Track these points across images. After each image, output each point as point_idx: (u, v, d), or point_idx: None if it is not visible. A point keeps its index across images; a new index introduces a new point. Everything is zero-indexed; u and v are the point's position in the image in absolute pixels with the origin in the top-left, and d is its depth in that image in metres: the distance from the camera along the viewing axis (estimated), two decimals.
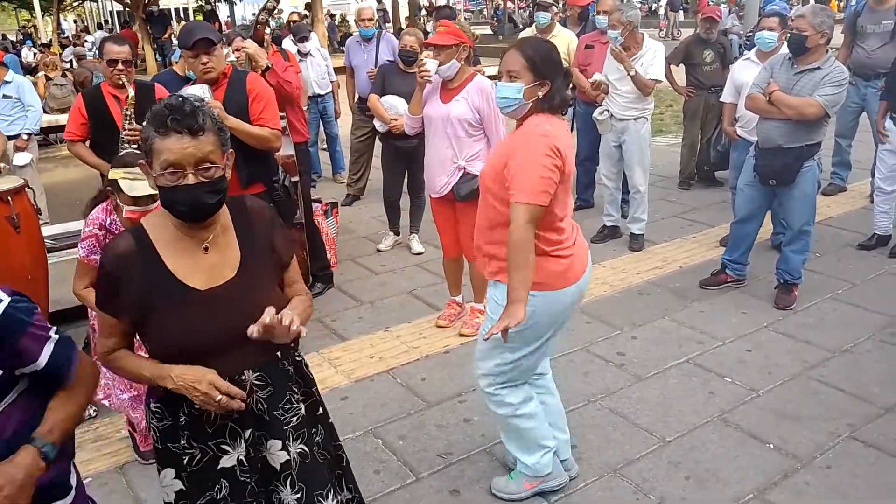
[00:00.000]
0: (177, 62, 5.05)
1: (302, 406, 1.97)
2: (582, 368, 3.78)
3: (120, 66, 3.83)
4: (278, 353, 1.92)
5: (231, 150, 1.81)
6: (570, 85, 2.50)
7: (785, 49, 4.45)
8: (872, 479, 2.87)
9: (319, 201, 5.39)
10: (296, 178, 4.53)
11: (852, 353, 3.83)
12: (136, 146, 3.75)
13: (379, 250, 5.65)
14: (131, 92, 3.79)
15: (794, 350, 3.88)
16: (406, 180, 5.53)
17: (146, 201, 2.75)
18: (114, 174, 2.78)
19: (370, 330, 4.34)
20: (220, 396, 1.73)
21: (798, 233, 4.30)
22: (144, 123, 1.74)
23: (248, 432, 1.86)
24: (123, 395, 3.01)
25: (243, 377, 1.84)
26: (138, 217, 2.74)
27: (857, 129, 6.34)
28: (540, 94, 2.46)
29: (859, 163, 6.68)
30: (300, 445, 1.94)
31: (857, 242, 5.29)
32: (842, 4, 23.22)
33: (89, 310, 3.00)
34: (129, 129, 3.76)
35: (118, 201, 2.80)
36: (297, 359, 2.02)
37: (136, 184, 2.72)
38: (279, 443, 1.90)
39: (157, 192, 2.68)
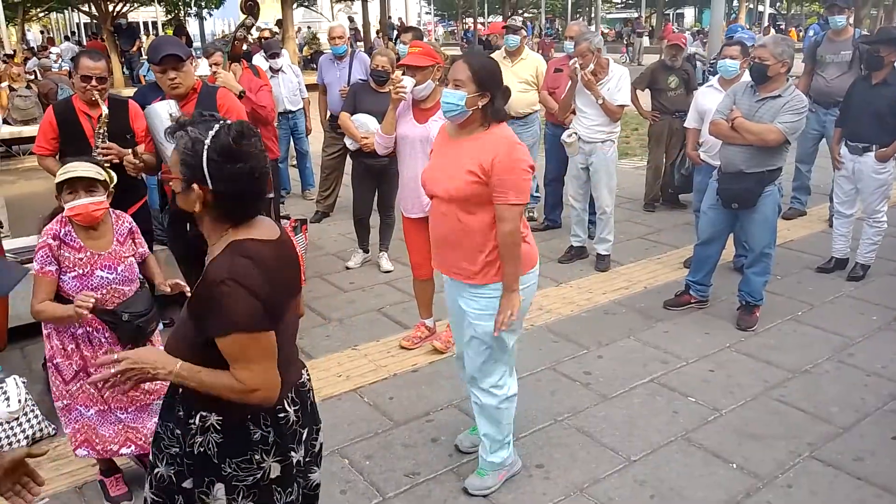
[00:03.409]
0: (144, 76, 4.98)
1: None
2: (549, 387, 3.80)
3: (94, 82, 3.69)
4: None
5: (196, 186, 1.82)
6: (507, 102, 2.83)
7: (747, 77, 4.58)
8: (831, 498, 2.93)
9: (288, 217, 5.37)
10: (271, 195, 4.50)
11: (811, 373, 3.92)
12: (108, 164, 3.67)
13: (348, 268, 5.64)
14: (105, 110, 3.66)
15: (756, 370, 3.96)
16: (376, 198, 5.54)
17: (81, 193, 2.69)
18: (57, 178, 2.75)
19: (338, 348, 4.31)
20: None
21: (759, 255, 4.40)
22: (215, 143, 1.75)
23: (305, 431, 2.01)
24: (89, 411, 2.87)
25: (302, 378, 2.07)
26: (77, 214, 2.70)
27: (817, 155, 6.53)
28: (480, 104, 2.67)
29: (818, 187, 6.87)
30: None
31: (816, 265, 5.42)
32: (801, 34, 23.94)
33: (44, 327, 2.87)
34: (103, 148, 3.64)
35: (63, 205, 2.73)
36: None
37: (66, 173, 2.69)
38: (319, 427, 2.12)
39: (93, 175, 2.71)
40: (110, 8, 20.06)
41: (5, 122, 8.93)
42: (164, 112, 3.47)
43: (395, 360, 4.13)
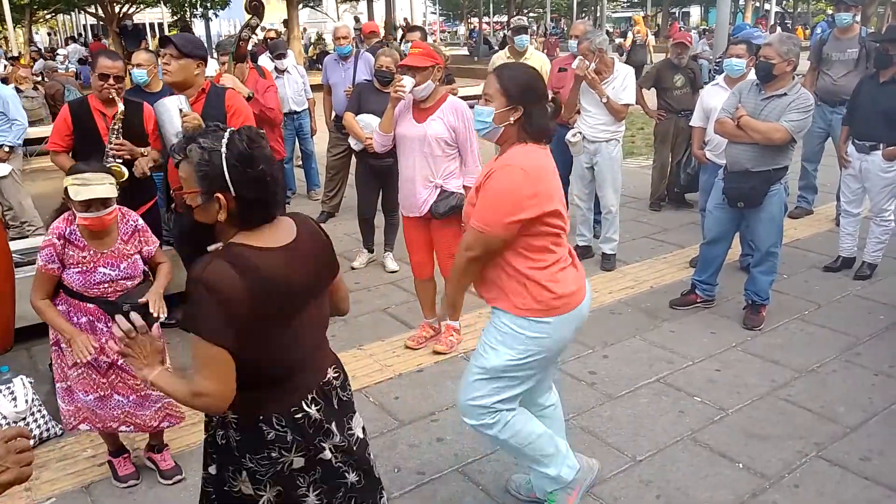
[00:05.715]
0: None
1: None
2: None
3: (111, 80, 3.77)
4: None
5: (220, 195, 1.76)
6: (555, 114, 2.52)
7: (753, 75, 4.56)
8: (838, 498, 2.91)
9: None
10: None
11: (818, 373, 3.90)
12: (120, 160, 3.72)
13: (353, 268, 5.64)
14: (121, 107, 3.74)
15: (762, 370, 3.94)
16: (380, 198, 5.55)
17: (97, 207, 2.74)
18: (66, 182, 2.77)
19: (343, 348, 4.31)
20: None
21: (766, 254, 4.39)
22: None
23: (334, 423, 2.00)
24: (88, 396, 2.93)
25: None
26: (90, 224, 2.76)
27: (823, 154, 6.50)
28: (511, 119, 2.42)
29: (825, 186, 6.84)
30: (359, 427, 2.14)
31: (822, 264, 5.40)
32: (808, 32, 23.86)
33: (50, 328, 2.93)
34: (116, 144, 3.72)
35: (73, 209, 2.78)
36: None
37: (81, 189, 2.71)
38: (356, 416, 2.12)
39: (105, 195, 2.74)
40: (116, 9, 20.14)
41: None
42: (173, 107, 3.50)
43: (401, 360, 4.13)
